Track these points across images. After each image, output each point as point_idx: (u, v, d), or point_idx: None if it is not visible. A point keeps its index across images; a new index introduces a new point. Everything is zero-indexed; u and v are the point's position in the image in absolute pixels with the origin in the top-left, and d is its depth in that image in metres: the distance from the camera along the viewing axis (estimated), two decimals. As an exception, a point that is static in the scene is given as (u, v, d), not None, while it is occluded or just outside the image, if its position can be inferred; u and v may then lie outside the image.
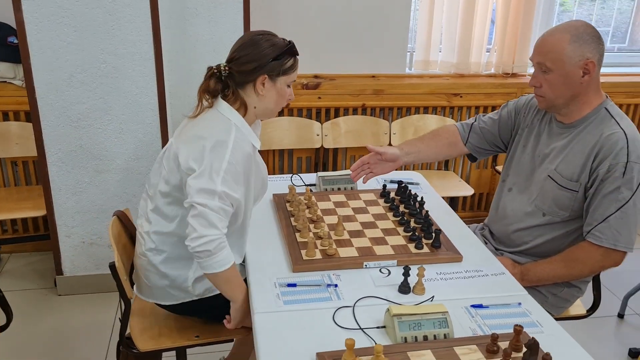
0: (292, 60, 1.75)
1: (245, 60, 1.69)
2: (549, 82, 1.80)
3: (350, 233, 1.94)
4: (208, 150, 1.63)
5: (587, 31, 1.76)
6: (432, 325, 1.48)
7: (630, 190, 1.74)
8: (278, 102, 1.78)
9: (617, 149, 1.75)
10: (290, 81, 1.77)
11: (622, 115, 1.83)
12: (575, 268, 1.86)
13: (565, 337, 1.52)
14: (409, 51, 3.43)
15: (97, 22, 2.50)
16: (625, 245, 1.78)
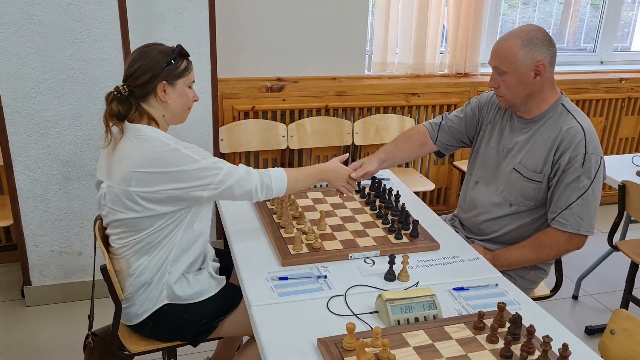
0: (185, 62, 1.77)
1: (140, 73, 1.70)
2: (505, 83, 1.95)
3: (332, 227, 2.02)
4: (168, 162, 1.66)
5: (538, 35, 1.90)
6: (421, 307, 1.58)
7: (589, 178, 1.90)
8: (184, 102, 1.80)
9: (576, 141, 1.91)
10: (189, 82, 1.80)
11: (577, 110, 2.00)
12: (543, 252, 2.01)
13: (543, 313, 1.65)
14: (368, 53, 3.55)
15: (65, 28, 2.49)
16: (587, 230, 1.94)
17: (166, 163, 1.66)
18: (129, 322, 1.84)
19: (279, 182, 1.85)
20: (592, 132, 1.93)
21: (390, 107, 3.46)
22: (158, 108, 1.76)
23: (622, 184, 2.58)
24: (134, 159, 1.67)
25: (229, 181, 1.74)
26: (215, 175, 1.72)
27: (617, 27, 4.17)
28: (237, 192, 1.78)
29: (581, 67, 4.08)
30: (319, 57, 3.36)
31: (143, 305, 1.80)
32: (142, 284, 1.79)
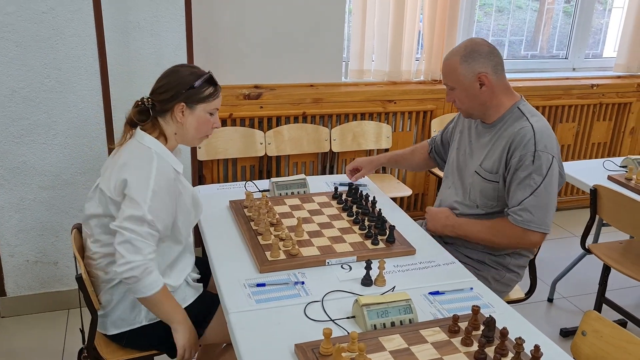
0: (212, 89, 1.82)
1: (164, 90, 1.77)
2: (457, 97, 2.06)
3: (310, 233, 2.04)
4: (134, 181, 1.69)
5: (475, 49, 2.00)
6: (397, 312, 1.60)
7: (541, 175, 1.96)
8: (199, 130, 1.84)
9: (526, 140, 1.97)
10: (211, 109, 1.83)
11: (533, 113, 2.07)
12: (497, 236, 2.05)
13: (516, 315, 1.69)
14: (344, 61, 3.58)
15: (41, 36, 2.48)
16: (538, 226, 1.98)
17: (129, 176, 1.70)
18: (105, 331, 1.83)
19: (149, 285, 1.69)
20: (544, 132, 1.99)
21: (367, 114, 3.50)
22: (172, 126, 1.81)
23: (594, 188, 2.64)
24: (120, 162, 1.74)
25: (128, 234, 1.66)
26: (128, 220, 1.67)
27: (588, 35, 4.27)
28: (121, 248, 1.67)
29: (554, 74, 4.16)
30: (296, 65, 3.38)
31: (120, 316, 1.79)
32: (119, 293, 1.78)
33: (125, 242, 1.66)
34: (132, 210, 1.67)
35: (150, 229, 1.69)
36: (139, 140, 1.78)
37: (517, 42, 4.28)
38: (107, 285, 1.79)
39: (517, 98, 2.09)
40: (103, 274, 1.78)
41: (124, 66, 2.84)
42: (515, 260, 2.16)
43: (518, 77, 4.00)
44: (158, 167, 1.73)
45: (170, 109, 1.78)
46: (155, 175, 1.71)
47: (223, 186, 2.49)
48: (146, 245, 1.68)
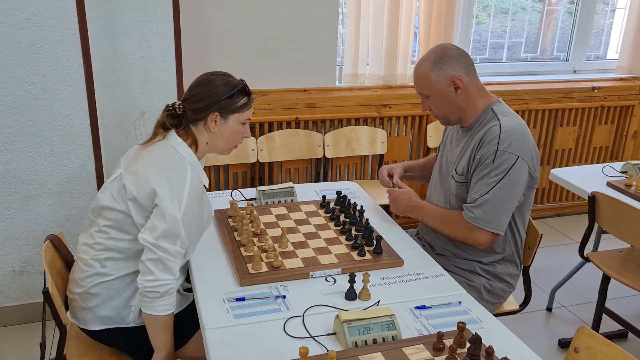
0: (246, 99, 1.80)
1: (198, 99, 1.75)
2: (433, 104, 2.03)
3: (294, 244, 1.98)
4: (167, 193, 1.64)
5: (445, 53, 1.97)
6: (380, 328, 1.53)
7: (499, 175, 1.91)
8: (230, 140, 1.82)
9: (490, 139, 1.93)
10: (243, 119, 1.81)
11: (507, 113, 2.01)
12: (447, 227, 2.05)
13: (504, 331, 1.62)
14: (338, 65, 3.52)
15: (24, 43, 2.43)
16: (486, 225, 1.93)
17: (161, 187, 1.65)
18: (86, 325, 1.79)
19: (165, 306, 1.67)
20: (512, 131, 1.92)
21: (362, 119, 3.43)
22: (204, 134, 1.78)
23: (592, 195, 2.56)
24: (151, 164, 1.69)
25: (160, 253, 1.62)
26: (163, 237, 1.63)
27: (589, 36, 4.19)
28: (151, 265, 1.63)
29: (554, 77, 4.08)
30: (288, 69, 3.32)
31: (108, 314, 1.75)
32: (112, 290, 1.74)
33: (157, 260, 1.63)
34: (166, 225, 1.63)
35: (181, 246, 1.67)
36: (174, 145, 1.74)
37: (517, 44, 4.20)
38: (101, 279, 1.74)
39: (493, 99, 2.04)
40: (99, 266, 1.73)
41: (111, 72, 2.79)
42: (505, 268, 2.09)
43: (517, 80, 3.93)
44: (192, 180, 1.69)
45: (204, 118, 1.75)
46: (189, 188, 1.67)
47: (210, 194, 2.42)
48: (176, 265, 1.67)
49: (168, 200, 1.63)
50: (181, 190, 1.66)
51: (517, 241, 2.09)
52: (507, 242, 2.06)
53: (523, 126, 1.97)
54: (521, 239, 2.11)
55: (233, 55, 3.20)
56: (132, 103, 2.88)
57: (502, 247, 2.07)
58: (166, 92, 2.88)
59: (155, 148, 1.74)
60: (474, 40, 4.05)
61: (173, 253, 1.65)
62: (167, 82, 2.87)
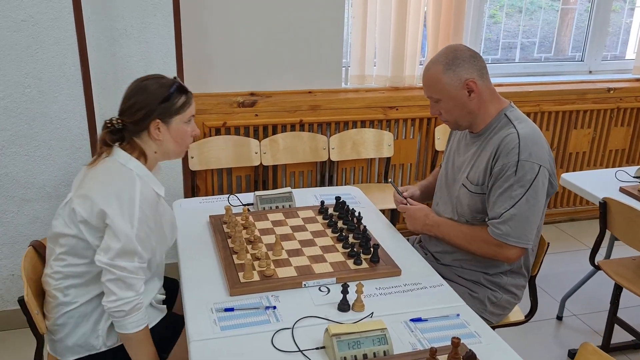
0: (184, 97, 1.71)
1: (135, 109, 1.66)
2: (444, 109, 1.92)
3: (289, 252, 1.91)
4: (117, 211, 1.58)
5: (458, 55, 1.86)
6: (371, 342, 1.47)
7: (523, 187, 1.81)
8: (179, 143, 1.74)
9: (509, 148, 1.82)
10: (187, 118, 1.72)
11: (521, 119, 1.91)
12: (473, 245, 1.93)
13: (503, 346, 1.54)
14: (345, 66, 3.45)
15: (20, 45, 2.41)
16: (516, 241, 1.83)
17: (110, 206, 1.59)
18: (61, 357, 1.73)
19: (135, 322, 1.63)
20: (530, 139, 1.83)
21: (368, 121, 3.36)
22: (150, 144, 1.71)
23: (603, 201, 2.46)
24: (97, 184, 1.64)
25: (118, 273, 1.58)
26: (118, 257, 1.58)
27: (605, 35, 4.06)
28: (112, 286, 1.59)
29: (568, 77, 3.96)
30: (293, 71, 3.26)
31: (77, 342, 1.69)
32: (77, 317, 1.68)
33: (116, 280, 1.59)
34: (120, 244, 1.58)
35: (140, 262, 1.62)
36: (120, 160, 1.67)
37: (532, 45, 4.09)
38: (65, 309, 1.69)
39: (505, 104, 1.94)
40: (62, 295, 1.68)
41: (111, 74, 2.76)
42: (512, 279, 2.00)
43: (529, 81, 3.82)
44: (142, 192, 1.63)
45: (146, 128, 1.67)
46: (140, 201, 1.61)
47: (206, 199, 2.38)
48: (137, 281, 1.62)
49: (119, 218, 1.58)
50: (132, 206, 1.60)
51: (528, 252, 2.00)
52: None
53: (538, 132, 1.88)
54: (532, 250, 2.02)
55: (236, 57, 3.14)
56: (133, 106, 2.84)
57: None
58: (167, 94, 2.84)
59: (101, 166, 1.67)
60: (490, 40, 3.95)
61: (132, 270, 1.60)
62: (168, 84, 2.83)
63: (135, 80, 1.73)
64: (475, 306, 1.97)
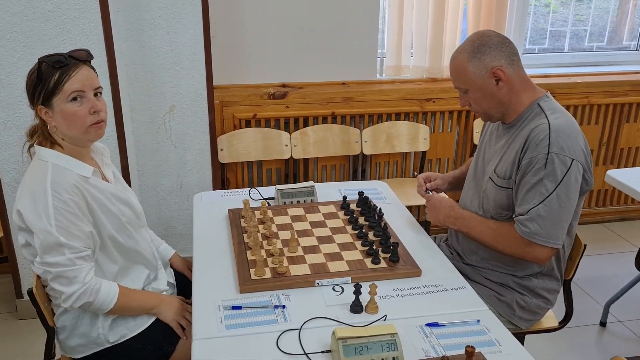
0: (57, 74, 1.53)
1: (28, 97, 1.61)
2: (473, 99, 1.82)
3: (305, 249, 1.84)
4: (28, 209, 1.52)
5: (484, 42, 1.75)
6: (379, 348, 1.38)
7: (554, 182, 1.67)
8: (72, 125, 1.57)
9: (539, 139, 1.70)
10: (68, 95, 1.54)
11: (555, 109, 1.77)
12: (500, 243, 1.80)
13: (526, 358, 1.42)
14: (380, 57, 3.34)
15: (48, 36, 2.41)
16: (545, 240, 1.70)
17: (24, 205, 1.53)
18: (70, 354, 1.72)
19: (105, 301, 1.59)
20: (563, 131, 1.69)
21: (403, 114, 3.24)
22: (54, 130, 1.60)
23: (652, 200, 2.28)
24: (19, 189, 1.59)
25: (53, 269, 1.52)
26: (46, 253, 1.52)
27: (663, 23, 3.80)
28: (56, 285, 1.55)
29: (621, 68, 3.73)
30: (326, 62, 3.18)
31: (79, 342, 1.68)
32: (71, 319, 1.67)
33: (56, 277, 1.53)
34: (39, 241, 1.51)
35: (73, 253, 1.53)
36: (38, 157, 1.60)
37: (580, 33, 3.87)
38: (59, 310, 1.68)
39: (540, 94, 1.81)
40: (54, 299, 1.68)
41: (140, 65, 2.75)
42: (543, 282, 1.87)
43: (578, 72, 3.61)
44: (52, 181, 1.53)
45: (37, 115, 1.60)
46: (53, 191, 1.51)
47: (227, 192, 2.33)
48: (79, 272, 1.54)
49: (32, 216, 1.51)
50: (44, 198, 1.51)
51: (560, 254, 1.87)
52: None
53: (574, 124, 1.74)
54: (564, 252, 1.88)
55: (267, 47, 3.09)
56: (162, 97, 2.83)
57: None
58: (195, 85, 2.81)
59: (26, 172, 1.61)
60: (530, 30, 3.75)
61: (66, 263, 1.52)
62: (196, 75, 2.80)
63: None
64: (503, 310, 1.86)
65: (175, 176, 2.95)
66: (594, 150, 3.60)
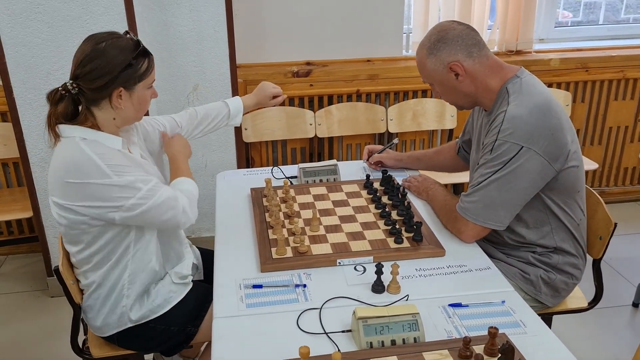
0: (147, 62, 1.57)
1: (95, 76, 1.50)
2: (440, 92, 1.84)
3: (327, 228, 1.82)
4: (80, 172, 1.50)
5: (441, 36, 1.73)
6: (400, 328, 1.35)
7: (495, 167, 1.67)
8: (140, 109, 1.62)
9: (493, 127, 1.70)
10: (150, 82, 1.60)
11: (521, 91, 1.70)
12: (442, 212, 1.88)
13: (551, 338, 1.39)
14: (406, 32, 3.27)
15: (71, 16, 2.42)
16: (475, 218, 1.72)
17: (79, 173, 1.50)
18: (97, 333, 1.74)
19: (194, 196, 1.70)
20: (516, 117, 1.65)
21: (429, 91, 3.18)
22: (109, 112, 1.57)
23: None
24: (55, 164, 1.55)
25: (146, 204, 1.53)
26: (127, 197, 1.52)
27: None
28: (157, 217, 1.58)
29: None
30: (351, 38, 3.12)
31: (104, 321, 1.70)
32: (99, 299, 1.68)
33: (149, 211, 1.55)
34: (111, 190, 1.50)
35: (145, 184, 1.55)
36: (64, 135, 1.55)
37: (616, 5, 3.72)
38: (88, 290, 1.70)
39: (509, 75, 1.74)
40: (83, 279, 1.69)
41: (163, 44, 2.75)
42: (563, 258, 1.81)
43: (614, 45, 3.48)
44: (92, 150, 1.51)
45: (107, 96, 1.53)
46: (96, 155, 1.50)
47: (250, 171, 2.32)
48: (161, 193, 1.58)
49: (93, 176, 1.49)
50: (91, 162, 1.49)
51: (570, 229, 1.80)
52: (554, 233, 1.79)
53: (540, 108, 1.66)
54: (577, 225, 1.82)
55: (290, 24, 3.05)
56: (185, 77, 2.82)
57: (551, 238, 1.80)
58: (218, 64, 2.80)
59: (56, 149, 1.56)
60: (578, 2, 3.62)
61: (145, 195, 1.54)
62: (219, 54, 2.79)
63: (87, 40, 1.57)
64: (528, 288, 1.81)
65: (200, 155, 2.95)
66: (628, 126, 3.49)
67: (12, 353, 2.52)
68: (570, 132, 1.72)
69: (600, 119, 3.45)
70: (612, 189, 3.65)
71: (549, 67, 3.25)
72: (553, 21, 3.51)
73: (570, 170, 1.72)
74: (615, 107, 3.42)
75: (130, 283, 1.66)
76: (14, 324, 2.70)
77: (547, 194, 1.75)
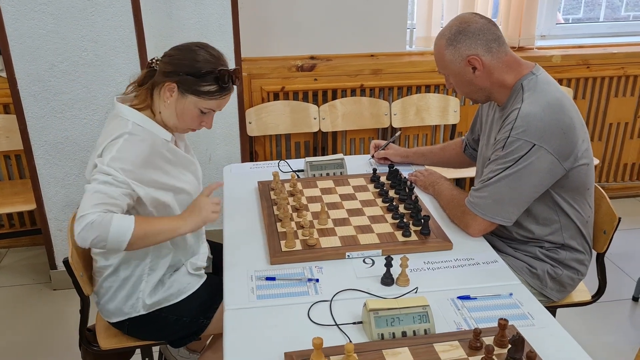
0: (214, 88, 1.59)
1: (169, 61, 1.60)
2: (455, 84, 1.83)
3: (335, 221, 1.83)
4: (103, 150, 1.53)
5: (462, 28, 1.72)
6: (411, 320, 1.37)
7: (506, 163, 1.68)
8: (181, 119, 1.63)
9: (507, 123, 1.70)
10: (203, 107, 1.61)
11: (536, 88, 1.71)
12: (449, 206, 1.88)
13: (558, 330, 1.40)
14: (410, 28, 3.28)
15: (76, 8, 2.41)
16: (483, 213, 1.73)
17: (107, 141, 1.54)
18: (107, 318, 1.75)
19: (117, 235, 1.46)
20: (530, 115, 1.66)
21: (433, 86, 3.19)
22: (159, 103, 1.63)
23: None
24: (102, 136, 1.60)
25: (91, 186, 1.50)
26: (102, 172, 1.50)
27: None
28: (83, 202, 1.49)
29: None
30: (355, 33, 3.13)
31: (117, 306, 1.70)
32: (116, 282, 1.69)
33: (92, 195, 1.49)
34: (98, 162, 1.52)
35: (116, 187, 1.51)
36: (117, 112, 1.62)
37: (630, 3, 3.73)
38: (106, 272, 1.70)
39: (525, 72, 1.75)
40: (103, 259, 1.69)
41: (167, 38, 2.74)
42: (570, 254, 1.83)
43: (614, 42, 3.50)
44: (132, 132, 1.55)
45: (161, 82, 1.60)
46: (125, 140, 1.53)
47: (257, 165, 2.33)
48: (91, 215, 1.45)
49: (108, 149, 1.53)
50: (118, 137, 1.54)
51: (579, 225, 1.82)
52: (563, 230, 1.81)
53: (553, 107, 1.67)
54: (586, 222, 1.84)
55: (295, 19, 3.05)
56: (189, 69, 2.81)
57: (559, 235, 1.81)
58: (223, 57, 2.79)
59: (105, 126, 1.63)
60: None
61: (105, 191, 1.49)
62: (224, 47, 2.74)
63: (198, 42, 1.66)
64: (534, 282, 1.83)
65: (204, 149, 2.96)
66: (629, 122, 3.51)
67: (14, 346, 2.53)
68: (582, 130, 1.73)
69: (600, 115, 3.48)
70: (612, 184, 3.68)
71: (550, 63, 3.27)
72: (554, 18, 3.52)
73: (581, 168, 1.74)
74: (616, 104, 3.44)
75: (151, 270, 1.68)
76: (16, 316, 2.70)
77: (557, 191, 1.76)
